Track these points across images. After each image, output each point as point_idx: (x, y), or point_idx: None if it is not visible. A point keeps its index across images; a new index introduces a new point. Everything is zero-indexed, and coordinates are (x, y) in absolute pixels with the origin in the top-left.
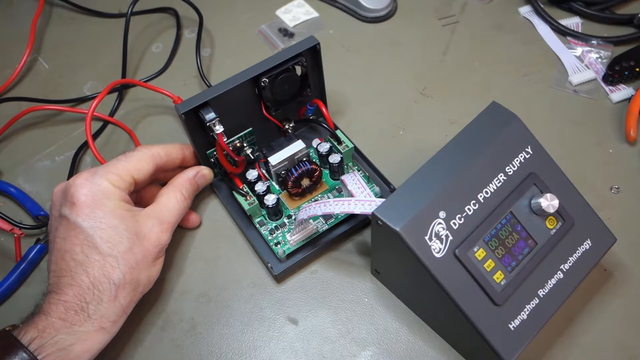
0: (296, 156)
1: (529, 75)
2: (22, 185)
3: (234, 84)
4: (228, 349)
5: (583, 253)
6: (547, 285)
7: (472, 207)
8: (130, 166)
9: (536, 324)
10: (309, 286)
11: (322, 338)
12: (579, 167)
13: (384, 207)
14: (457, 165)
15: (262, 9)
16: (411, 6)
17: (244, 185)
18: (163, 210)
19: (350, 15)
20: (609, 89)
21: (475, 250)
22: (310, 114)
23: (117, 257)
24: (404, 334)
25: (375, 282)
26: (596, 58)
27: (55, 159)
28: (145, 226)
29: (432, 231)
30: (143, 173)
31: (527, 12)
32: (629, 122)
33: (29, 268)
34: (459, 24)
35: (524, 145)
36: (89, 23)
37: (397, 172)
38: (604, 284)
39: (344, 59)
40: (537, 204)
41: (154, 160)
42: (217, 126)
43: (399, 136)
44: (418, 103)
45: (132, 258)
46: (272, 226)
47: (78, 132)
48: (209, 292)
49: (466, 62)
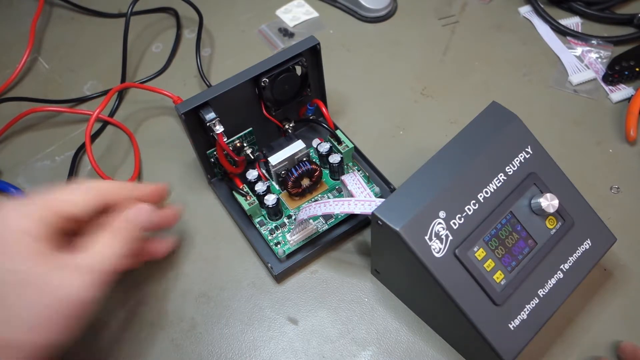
0: (296, 156)
1: (529, 75)
2: (22, 185)
3: (234, 84)
4: (228, 349)
5: (583, 253)
6: (547, 285)
7: (472, 207)
8: (66, 197)
9: (536, 324)
10: (309, 286)
11: (322, 338)
12: (579, 167)
13: (384, 207)
14: (457, 165)
15: (262, 9)
16: (411, 6)
17: (244, 185)
18: (96, 257)
19: (350, 15)
20: (609, 88)
21: (475, 250)
22: (310, 114)
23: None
24: (404, 334)
25: (375, 282)
26: (596, 58)
27: (55, 159)
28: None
29: (432, 231)
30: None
31: (527, 12)
32: (629, 122)
33: None
34: (459, 24)
35: (524, 145)
36: (88, 23)
37: (397, 172)
38: (604, 284)
39: (344, 59)
40: (537, 203)
41: (99, 193)
42: (217, 126)
43: (399, 136)
44: (418, 103)
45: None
46: (272, 226)
47: (78, 132)
48: (209, 292)
49: (466, 62)
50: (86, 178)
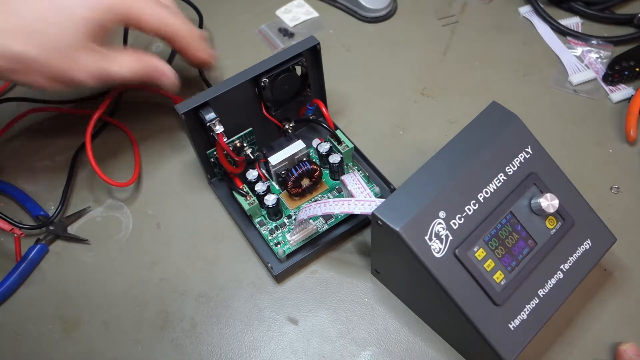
0: (296, 156)
1: (529, 75)
2: (22, 185)
3: (234, 84)
4: (228, 349)
5: (583, 253)
6: (547, 285)
7: (472, 207)
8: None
9: (536, 324)
10: (309, 286)
11: (322, 338)
12: (579, 167)
13: (384, 207)
14: (457, 165)
15: (262, 9)
16: (411, 6)
17: (244, 185)
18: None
19: (350, 15)
20: (609, 89)
21: (475, 250)
22: (310, 114)
23: None
24: (404, 334)
25: (375, 282)
26: (596, 58)
27: (55, 159)
28: None
29: (432, 231)
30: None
31: (527, 12)
32: (629, 122)
33: (29, 268)
34: (459, 24)
35: (524, 145)
36: None
37: (397, 172)
38: (603, 284)
39: (344, 59)
40: (537, 204)
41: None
42: (217, 126)
43: (399, 136)
44: (418, 103)
45: None
46: (272, 226)
47: (78, 132)
48: (209, 292)
49: (466, 62)
50: (85, 178)
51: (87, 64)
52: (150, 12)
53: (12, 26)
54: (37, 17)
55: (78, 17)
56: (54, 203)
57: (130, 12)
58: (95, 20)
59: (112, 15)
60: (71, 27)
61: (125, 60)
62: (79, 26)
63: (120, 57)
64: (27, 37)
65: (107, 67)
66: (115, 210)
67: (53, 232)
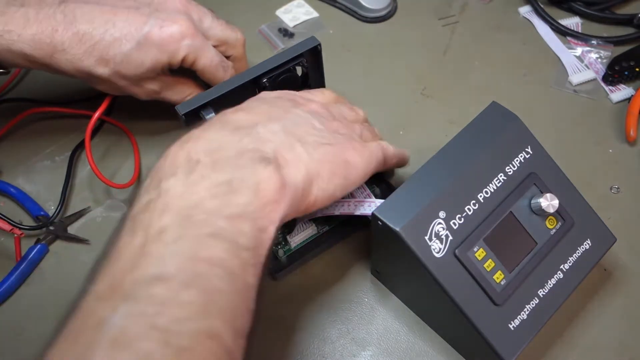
0: None
1: (529, 75)
2: (22, 185)
3: (234, 84)
4: None
5: (583, 253)
6: (547, 285)
7: (472, 207)
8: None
9: (536, 324)
10: (309, 286)
11: (322, 338)
12: (579, 167)
13: (384, 207)
14: (457, 165)
15: (262, 9)
16: (411, 6)
17: None
18: None
19: (350, 15)
20: (609, 89)
21: (475, 250)
22: None
23: None
24: (404, 334)
25: (375, 282)
26: (596, 58)
27: (55, 159)
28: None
29: (432, 231)
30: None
31: (527, 12)
32: (629, 122)
33: (29, 268)
34: (459, 24)
35: (524, 145)
36: None
37: (397, 172)
38: (604, 284)
39: (344, 59)
40: (537, 204)
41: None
42: None
43: (399, 136)
44: (418, 103)
45: None
46: None
47: (78, 132)
48: None
49: (466, 62)
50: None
51: None
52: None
53: None
54: None
55: None
56: (54, 203)
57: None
58: None
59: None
60: None
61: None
62: None
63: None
64: None
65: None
66: (115, 211)
67: (53, 232)
